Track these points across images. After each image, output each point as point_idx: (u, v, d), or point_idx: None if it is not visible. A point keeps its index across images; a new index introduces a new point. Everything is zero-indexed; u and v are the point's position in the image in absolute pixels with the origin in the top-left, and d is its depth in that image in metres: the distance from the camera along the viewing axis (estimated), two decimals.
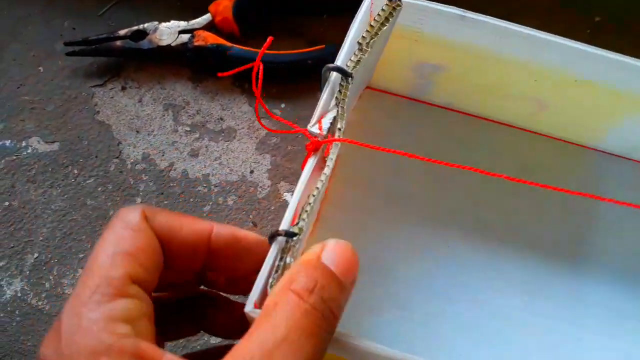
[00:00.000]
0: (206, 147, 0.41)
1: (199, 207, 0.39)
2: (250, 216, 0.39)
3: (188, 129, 0.41)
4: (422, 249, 0.36)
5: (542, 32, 0.30)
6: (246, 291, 0.24)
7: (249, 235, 0.25)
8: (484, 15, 0.30)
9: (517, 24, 0.31)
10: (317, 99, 0.29)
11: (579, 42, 0.30)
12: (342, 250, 0.23)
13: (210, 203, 0.39)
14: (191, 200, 0.39)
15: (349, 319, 0.32)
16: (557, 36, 0.30)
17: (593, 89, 0.32)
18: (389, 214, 0.37)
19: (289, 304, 0.20)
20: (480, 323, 0.34)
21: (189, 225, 0.24)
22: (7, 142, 0.41)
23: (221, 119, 0.42)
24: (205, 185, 0.39)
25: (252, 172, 0.40)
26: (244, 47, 0.42)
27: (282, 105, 0.42)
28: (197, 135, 0.41)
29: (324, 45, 0.42)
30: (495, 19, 0.30)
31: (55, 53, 0.44)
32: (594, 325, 0.34)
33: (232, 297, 0.28)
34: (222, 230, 0.24)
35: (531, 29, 0.30)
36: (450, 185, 0.37)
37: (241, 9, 0.43)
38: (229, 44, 0.42)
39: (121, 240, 0.21)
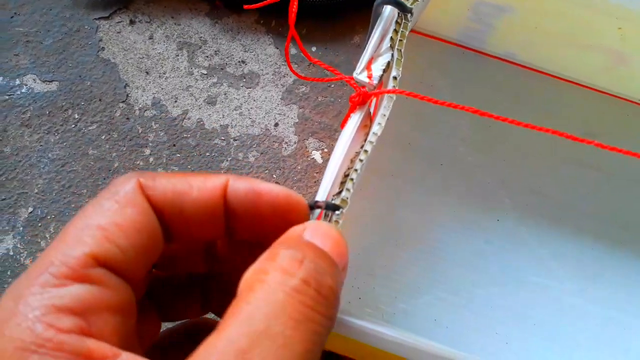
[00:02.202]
0: (225, 94, 0.36)
1: (216, 163, 0.34)
2: (274, 176, 0.34)
3: (205, 72, 0.36)
4: (469, 223, 0.31)
5: None
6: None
7: (273, 189, 0.20)
8: None
9: None
10: (355, 44, 0.24)
11: None
12: (327, 230, 0.19)
13: (229, 159, 0.34)
14: (207, 154, 0.34)
15: (379, 298, 0.28)
16: None
17: None
18: (431, 182, 0.32)
19: (269, 284, 0.16)
20: (529, 308, 0.30)
21: (199, 183, 0.19)
22: None
23: (243, 61, 0.36)
24: (223, 138, 0.35)
25: (276, 125, 0.35)
26: None
27: (313, 49, 0.37)
28: (215, 80, 0.36)
29: None
30: None
31: None
32: None
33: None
34: (238, 183, 0.19)
35: None
36: (503, 149, 0.32)
37: None
38: None
39: (98, 213, 0.17)
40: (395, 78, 0.23)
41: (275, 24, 0.37)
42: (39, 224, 0.33)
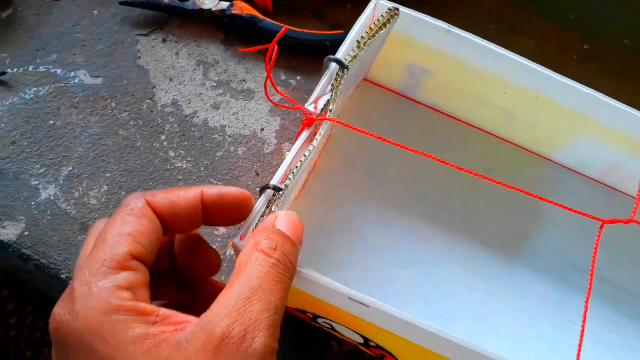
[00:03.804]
0: (227, 102, 0.47)
1: (213, 152, 0.45)
2: (255, 167, 0.45)
3: (214, 84, 0.48)
4: (388, 223, 0.42)
5: (512, 53, 0.36)
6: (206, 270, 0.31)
7: (232, 191, 0.30)
8: (466, 32, 0.36)
9: (493, 43, 0.37)
10: None
11: (541, 66, 0.36)
12: (291, 218, 0.29)
13: (223, 150, 0.45)
14: (207, 144, 0.45)
15: (317, 269, 0.39)
16: (523, 58, 0.36)
17: (550, 107, 0.38)
18: (365, 191, 0.43)
19: (259, 261, 0.26)
20: (426, 288, 0.40)
21: (184, 195, 0.29)
22: (59, 71, 0.47)
23: (244, 80, 0.48)
24: (221, 134, 0.46)
25: (262, 130, 0.46)
26: (273, 21, 0.48)
27: (298, 78, 0.48)
28: (221, 91, 0.48)
29: (342, 31, 0.48)
30: (475, 36, 0.37)
31: (110, 1, 0.50)
32: (520, 305, 0.40)
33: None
34: (210, 191, 0.30)
35: (504, 49, 0.36)
36: (422, 174, 0.43)
37: None
38: (261, 16, 0.48)
39: (125, 224, 0.26)
40: (331, 111, 0.34)
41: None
42: (75, 180, 0.44)
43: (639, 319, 0.41)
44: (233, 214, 0.31)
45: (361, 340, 0.37)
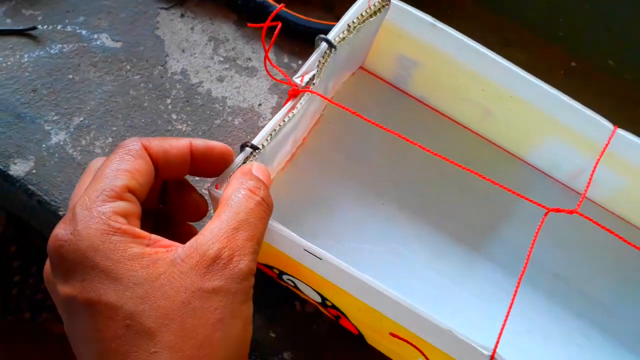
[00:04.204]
0: (231, 77, 0.51)
1: (212, 119, 0.49)
2: (248, 137, 0.49)
3: (222, 59, 0.52)
4: (364, 201, 0.45)
5: (489, 50, 0.39)
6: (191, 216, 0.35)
7: (218, 144, 0.34)
8: (450, 27, 0.40)
9: (473, 40, 0.40)
10: None
11: (516, 66, 0.39)
12: (263, 169, 0.33)
13: (221, 119, 0.49)
14: (207, 112, 0.49)
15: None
16: (500, 56, 0.39)
17: (522, 106, 0.41)
18: (347, 169, 0.46)
19: (245, 198, 0.30)
20: (389, 264, 0.43)
21: (175, 143, 0.32)
22: (84, 32, 0.52)
23: (249, 59, 0.52)
24: (221, 105, 0.50)
25: (259, 105, 0.50)
26: (283, 8, 0.52)
27: (299, 62, 0.52)
28: (227, 66, 0.51)
29: None
30: (457, 32, 0.40)
31: None
32: (475, 289, 0.43)
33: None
34: (198, 142, 0.33)
35: (482, 46, 0.39)
36: (401, 161, 0.46)
37: None
38: (273, 2, 0.52)
39: (123, 162, 0.29)
40: (314, 84, 0.38)
41: (278, 39, 0.52)
42: (84, 129, 0.48)
43: (586, 318, 0.43)
44: (216, 165, 0.34)
45: (319, 299, 0.40)
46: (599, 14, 0.50)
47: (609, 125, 0.39)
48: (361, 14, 0.39)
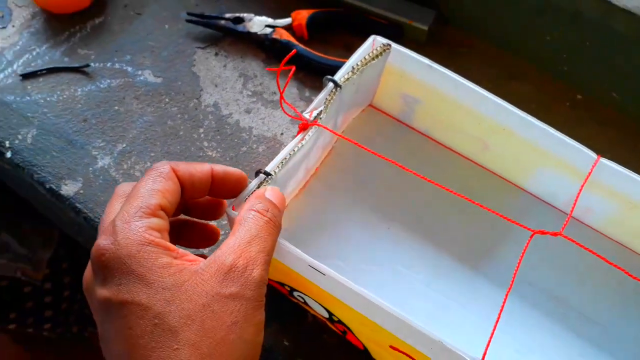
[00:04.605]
0: (257, 109, 0.57)
1: (239, 147, 0.54)
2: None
3: (250, 93, 0.57)
4: (371, 225, 0.48)
5: (481, 87, 0.43)
6: (210, 217, 0.40)
7: (234, 170, 0.38)
8: (445, 68, 0.44)
9: (466, 79, 0.44)
10: None
11: (505, 101, 0.43)
12: (277, 191, 0.38)
13: (247, 147, 0.54)
14: (235, 140, 0.55)
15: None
16: (490, 93, 0.43)
17: (514, 139, 0.44)
18: (355, 196, 0.49)
19: (255, 217, 0.34)
20: (391, 284, 0.45)
21: (199, 168, 0.36)
22: (129, 69, 0.58)
23: (274, 93, 0.57)
24: (248, 134, 0.55)
25: (282, 134, 0.55)
26: (305, 47, 0.57)
27: None
28: (254, 100, 0.57)
29: None
30: (452, 72, 0.44)
31: (179, 18, 0.61)
32: (472, 306, 0.46)
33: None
34: (218, 168, 0.37)
35: (474, 84, 0.43)
36: (405, 189, 0.49)
37: (313, 21, 0.59)
38: (296, 42, 0.57)
39: (156, 183, 0.33)
40: (320, 118, 0.42)
41: (300, 75, 0.58)
42: (126, 155, 0.54)
43: (584, 337, 0.45)
44: (232, 188, 0.39)
45: (327, 315, 0.44)
46: (600, 51, 0.53)
47: (592, 154, 0.42)
48: (364, 57, 0.44)
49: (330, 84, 0.43)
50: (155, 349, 0.29)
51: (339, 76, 0.44)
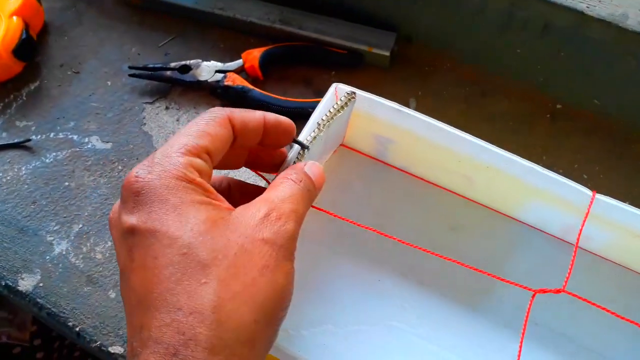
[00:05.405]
0: None
1: None
2: None
3: None
4: (359, 279, 0.45)
5: (454, 128, 0.40)
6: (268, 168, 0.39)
7: (285, 119, 0.36)
8: (414, 111, 0.40)
9: (437, 120, 0.40)
10: None
11: (483, 140, 0.40)
12: (317, 167, 0.36)
13: None
14: None
15: (289, 323, 0.42)
16: (466, 133, 0.40)
17: (499, 175, 0.41)
18: (339, 250, 0.45)
19: (288, 183, 0.33)
20: (388, 344, 0.43)
21: (253, 115, 0.34)
22: (75, 137, 0.54)
23: None
24: None
25: None
26: (261, 91, 0.53)
27: None
28: None
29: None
30: (421, 114, 0.40)
31: (121, 72, 0.56)
32: (480, 352, 0.43)
33: None
34: (270, 116, 0.35)
35: (446, 124, 0.40)
36: (391, 233, 0.46)
37: (266, 60, 0.54)
38: (251, 86, 0.53)
39: (209, 125, 0.32)
40: None
41: None
42: (84, 236, 0.50)
43: None
44: (282, 137, 0.37)
45: None
46: (577, 60, 0.49)
47: (587, 192, 0.39)
48: (329, 111, 0.40)
49: (296, 146, 0.39)
50: (181, 281, 0.27)
51: (304, 136, 0.40)
